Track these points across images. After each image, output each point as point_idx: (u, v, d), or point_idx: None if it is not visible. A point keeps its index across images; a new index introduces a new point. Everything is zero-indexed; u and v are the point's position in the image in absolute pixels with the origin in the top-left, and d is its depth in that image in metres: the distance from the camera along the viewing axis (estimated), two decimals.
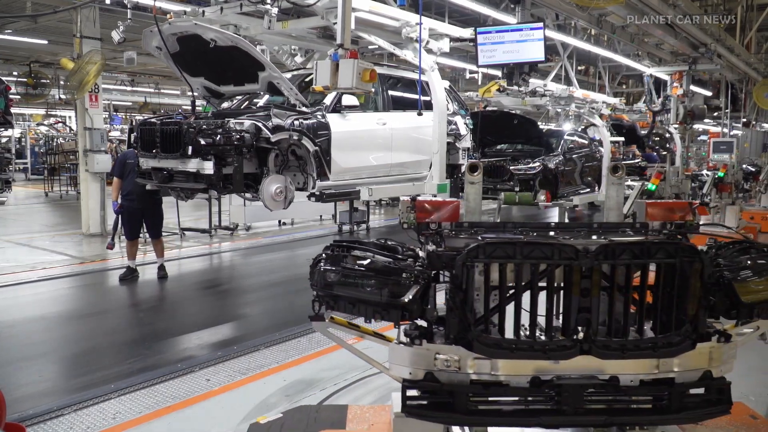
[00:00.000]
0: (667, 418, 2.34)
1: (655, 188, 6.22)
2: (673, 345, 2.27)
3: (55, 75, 19.33)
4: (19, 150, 26.12)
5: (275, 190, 6.25)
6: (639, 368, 2.31)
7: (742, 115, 21.86)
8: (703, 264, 2.27)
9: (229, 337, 5.72)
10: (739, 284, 2.38)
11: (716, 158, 13.93)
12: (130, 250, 7.86)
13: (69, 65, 10.53)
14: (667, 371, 2.31)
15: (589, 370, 2.30)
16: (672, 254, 2.28)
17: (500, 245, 2.30)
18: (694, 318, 2.28)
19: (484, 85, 13.50)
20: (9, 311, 6.49)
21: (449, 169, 9.41)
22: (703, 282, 2.28)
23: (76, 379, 4.73)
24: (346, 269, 2.44)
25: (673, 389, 2.30)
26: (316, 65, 5.15)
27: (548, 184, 11.09)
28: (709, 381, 2.34)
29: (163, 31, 6.29)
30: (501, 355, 2.28)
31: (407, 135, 8.05)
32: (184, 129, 5.94)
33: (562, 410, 2.27)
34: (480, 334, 2.30)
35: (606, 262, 2.27)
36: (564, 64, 13.09)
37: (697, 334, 2.30)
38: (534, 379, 2.30)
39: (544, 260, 2.28)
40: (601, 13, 11.11)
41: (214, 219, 11.36)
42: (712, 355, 2.35)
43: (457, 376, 2.34)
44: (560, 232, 2.66)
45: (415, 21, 7.47)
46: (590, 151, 12.91)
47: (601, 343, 2.26)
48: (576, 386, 2.27)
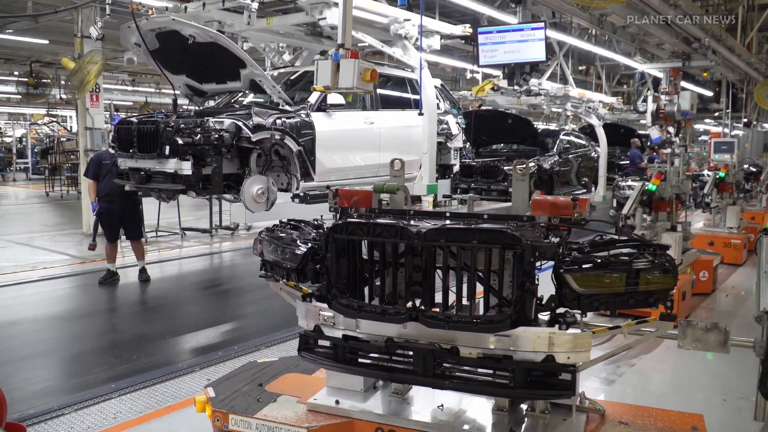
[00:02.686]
0: (504, 392, 2.54)
1: (656, 188, 6.20)
2: (492, 323, 2.45)
3: (56, 75, 19.34)
4: (20, 150, 26.12)
5: (257, 191, 6.12)
6: (478, 342, 2.52)
7: (743, 116, 21.84)
8: (524, 251, 2.40)
9: (229, 337, 5.73)
10: (572, 275, 2.48)
11: (717, 158, 13.91)
12: (110, 253, 7.65)
13: (70, 65, 10.54)
14: (505, 349, 2.50)
15: (435, 339, 2.56)
16: (493, 240, 2.46)
17: (355, 225, 2.67)
18: (518, 300, 2.42)
19: None
20: (10, 311, 6.50)
21: (441, 170, 9.32)
22: (523, 268, 2.41)
23: (76, 378, 4.74)
24: (270, 240, 3.04)
25: (516, 366, 2.46)
26: (317, 65, 5.14)
27: (543, 184, 11.03)
28: (551, 364, 2.47)
29: (141, 27, 6.11)
30: (350, 315, 2.68)
31: (396, 134, 7.92)
32: (161, 128, 5.79)
33: (413, 370, 2.59)
34: (335, 295, 2.68)
35: (432, 243, 2.51)
36: (560, 62, 13.02)
37: (518, 316, 2.43)
38: (388, 339, 2.64)
39: (387, 239, 2.61)
40: (602, 14, 11.09)
41: (215, 219, 11.37)
42: (553, 340, 2.47)
43: (333, 330, 2.79)
44: (451, 219, 2.90)
45: (404, 17, 7.37)
46: (587, 151, 12.87)
47: (428, 314, 2.51)
48: (423, 350, 2.55)
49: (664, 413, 2.97)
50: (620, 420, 2.89)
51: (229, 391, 3.19)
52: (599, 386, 4.51)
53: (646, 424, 2.86)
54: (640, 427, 2.83)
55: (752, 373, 4.61)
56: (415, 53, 7.68)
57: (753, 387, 4.33)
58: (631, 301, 2.51)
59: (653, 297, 2.51)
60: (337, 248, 2.69)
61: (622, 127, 16.59)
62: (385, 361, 2.70)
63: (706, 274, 6.95)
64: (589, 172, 12.70)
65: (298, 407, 3.00)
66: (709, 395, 4.33)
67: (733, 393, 4.30)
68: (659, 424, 2.86)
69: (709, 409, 4.08)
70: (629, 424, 2.86)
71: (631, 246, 2.57)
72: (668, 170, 6.37)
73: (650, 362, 4.94)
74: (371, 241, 2.66)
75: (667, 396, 4.31)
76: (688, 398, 4.28)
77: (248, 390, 3.20)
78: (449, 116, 9.12)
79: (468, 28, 8.70)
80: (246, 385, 3.27)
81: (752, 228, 9.73)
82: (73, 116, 19.48)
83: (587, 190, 12.58)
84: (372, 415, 2.88)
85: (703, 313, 6.35)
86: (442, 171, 9.38)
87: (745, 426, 3.85)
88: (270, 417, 2.90)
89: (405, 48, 7.59)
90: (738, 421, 3.92)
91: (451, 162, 9.36)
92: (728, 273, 8.13)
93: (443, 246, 2.52)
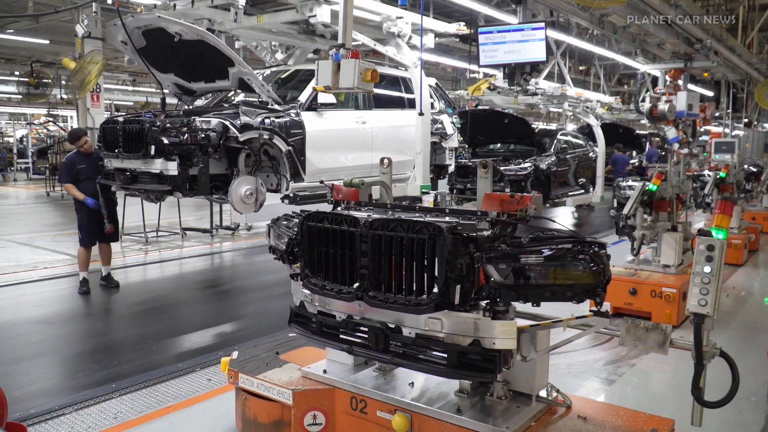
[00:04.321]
0: (437, 369, 2.73)
1: (657, 188, 6.20)
2: (420, 305, 2.67)
3: (56, 75, 19.37)
4: (21, 150, 26.13)
5: (245, 191, 6.03)
6: (417, 324, 2.78)
7: (744, 116, 21.84)
8: (446, 242, 2.58)
9: (230, 337, 5.73)
10: (491, 266, 2.60)
11: (718, 159, 13.91)
12: (85, 259, 7.13)
13: (71, 65, 10.54)
14: (435, 331, 2.73)
15: (387, 319, 2.85)
16: (420, 231, 2.68)
17: (322, 214, 3.01)
18: (443, 286, 2.61)
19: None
20: (10, 310, 6.50)
21: (436, 170, 9.23)
22: (445, 257, 2.59)
23: (77, 378, 4.74)
24: (272, 227, 3.46)
25: (448, 348, 2.68)
26: (318, 65, 5.14)
27: (540, 185, 10.99)
28: (474, 348, 2.65)
29: (127, 25, 6.03)
30: (316, 293, 3.05)
31: (389, 134, 7.79)
32: (147, 128, 5.69)
33: (368, 346, 2.88)
34: (307, 275, 3.07)
35: (374, 232, 2.77)
36: (557, 61, 12.99)
37: (442, 300, 2.61)
38: (349, 316, 2.99)
39: (342, 227, 2.90)
40: (603, 14, 11.08)
41: (216, 219, 11.37)
42: (478, 326, 2.65)
43: (311, 306, 3.17)
44: (420, 213, 3.17)
45: (396, 15, 7.30)
46: (585, 152, 12.81)
47: (370, 294, 2.79)
48: (375, 328, 2.85)
49: (635, 414, 2.98)
50: (579, 414, 2.94)
51: (249, 355, 3.71)
52: (599, 386, 4.51)
53: (604, 421, 2.89)
54: (597, 424, 2.86)
55: (753, 373, 4.62)
56: (409, 52, 7.61)
57: (754, 387, 4.34)
58: (547, 294, 2.57)
59: (571, 291, 2.54)
60: (309, 234, 3.04)
61: (621, 126, 16.58)
62: (350, 335, 3.00)
63: None
64: (587, 172, 12.65)
65: (295, 373, 3.43)
66: (709, 395, 4.32)
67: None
68: (618, 422, 2.88)
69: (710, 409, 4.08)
70: (587, 419, 2.90)
71: (566, 242, 2.62)
72: (669, 170, 6.37)
73: (651, 362, 4.94)
74: (331, 228, 2.95)
75: (668, 396, 4.31)
76: (689, 398, 4.28)
77: (265, 356, 3.69)
78: (444, 116, 9.03)
79: (463, 26, 8.64)
80: (266, 352, 3.76)
81: (753, 228, 9.73)
82: (74, 116, 19.49)
83: (585, 190, 12.53)
84: (349, 386, 3.21)
85: None
86: (437, 171, 9.28)
87: (745, 426, 3.85)
88: (268, 378, 3.37)
89: (398, 46, 7.52)
90: (738, 421, 3.91)
91: (446, 162, 9.23)
92: (729, 273, 8.12)
93: (382, 235, 2.76)
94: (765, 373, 4.63)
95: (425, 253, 2.67)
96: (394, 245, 2.75)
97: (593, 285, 2.50)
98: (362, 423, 3.14)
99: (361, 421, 3.14)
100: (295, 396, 3.22)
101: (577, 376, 4.61)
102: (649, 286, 5.86)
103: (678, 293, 5.70)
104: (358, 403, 3.16)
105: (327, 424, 3.26)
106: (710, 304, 2.59)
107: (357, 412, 3.17)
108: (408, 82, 8.17)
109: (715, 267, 2.62)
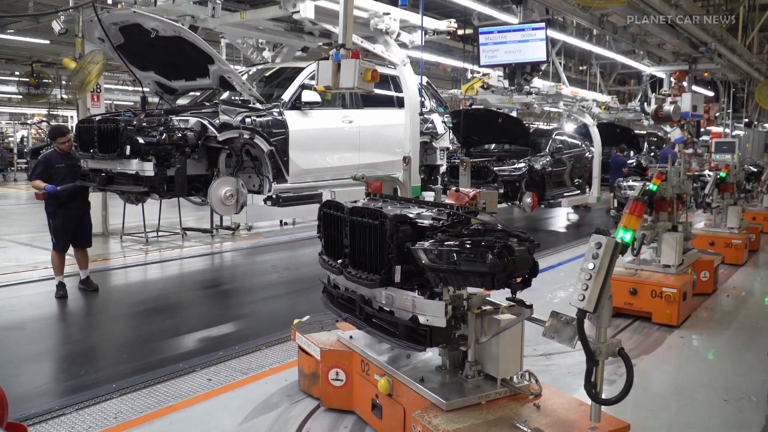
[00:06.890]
0: (391, 339, 3.19)
1: (657, 188, 6.19)
2: (371, 281, 3.14)
3: (57, 75, 19.36)
4: (22, 150, 26.13)
5: (225, 193, 5.90)
6: (381, 298, 3.26)
7: (744, 116, 21.84)
8: (388, 228, 2.98)
9: (230, 337, 5.72)
10: (419, 251, 2.88)
11: (718, 158, 13.90)
12: (60, 264, 6.79)
13: (71, 65, 10.54)
14: (389, 305, 3.21)
15: (366, 293, 3.38)
16: (372, 217, 3.14)
17: (330, 202, 3.68)
18: (386, 265, 3.01)
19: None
20: (10, 310, 6.50)
21: (427, 170, 9.11)
22: (386, 240, 2.99)
23: (77, 378, 4.74)
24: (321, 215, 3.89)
25: (399, 321, 3.12)
26: (318, 65, 5.14)
27: (535, 185, 10.90)
28: (413, 323, 3.04)
29: (103, 21, 5.88)
30: (323, 266, 3.71)
31: (377, 133, 7.64)
32: (122, 127, 5.53)
33: (356, 315, 3.47)
34: (321, 252, 3.76)
35: (351, 217, 3.31)
36: (553, 60, 12.90)
37: (385, 278, 3.03)
38: (345, 289, 3.62)
39: (335, 212, 3.52)
40: (603, 14, 11.08)
41: (216, 219, 11.37)
42: (415, 303, 3.03)
43: (332, 280, 3.79)
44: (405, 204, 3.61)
45: (383, 11, 7.15)
46: (581, 152, 12.73)
47: (348, 270, 3.34)
48: (352, 299, 3.51)
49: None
50: (536, 404, 3.01)
51: (315, 320, 4.35)
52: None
53: (554, 412, 2.91)
54: (545, 414, 2.90)
55: (753, 373, 4.62)
56: (398, 49, 7.51)
57: (754, 387, 4.34)
58: (460, 278, 2.77)
59: (480, 278, 2.72)
60: (324, 218, 3.71)
61: (619, 126, 16.56)
62: (348, 304, 3.59)
63: (707, 275, 6.94)
64: (583, 172, 12.57)
65: (332, 337, 4.00)
66: (710, 395, 4.32)
67: (735, 393, 4.30)
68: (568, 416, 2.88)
69: (711, 409, 4.08)
70: (541, 408, 2.96)
71: (496, 234, 2.83)
72: (669, 170, 6.37)
73: (651, 362, 4.93)
74: (330, 213, 3.60)
75: (668, 396, 4.31)
76: (689, 398, 4.28)
77: (326, 322, 4.26)
78: (435, 115, 8.90)
79: (453, 23, 8.55)
80: (330, 319, 4.26)
81: (753, 228, 9.72)
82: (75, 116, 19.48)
83: (581, 191, 12.46)
84: (360, 351, 3.71)
85: (704, 313, 6.35)
86: (428, 171, 9.14)
87: (745, 426, 3.85)
88: (311, 338, 3.99)
89: (387, 44, 7.40)
90: (738, 421, 3.91)
91: (437, 162, 9.07)
92: (729, 273, 8.12)
93: (356, 220, 3.28)
94: (765, 373, 4.63)
95: (378, 236, 3.08)
96: (364, 229, 3.20)
97: (493, 273, 2.67)
98: (366, 383, 3.64)
99: (365, 381, 3.64)
100: (322, 354, 3.82)
101: (577, 376, 4.60)
102: (649, 286, 5.86)
103: (678, 293, 5.70)
104: (364, 366, 3.65)
105: (347, 381, 3.79)
106: (588, 299, 2.62)
107: (364, 373, 3.66)
108: (397, 80, 7.98)
109: (599, 264, 2.63)
